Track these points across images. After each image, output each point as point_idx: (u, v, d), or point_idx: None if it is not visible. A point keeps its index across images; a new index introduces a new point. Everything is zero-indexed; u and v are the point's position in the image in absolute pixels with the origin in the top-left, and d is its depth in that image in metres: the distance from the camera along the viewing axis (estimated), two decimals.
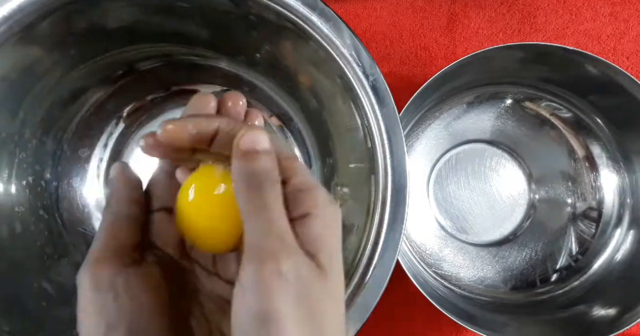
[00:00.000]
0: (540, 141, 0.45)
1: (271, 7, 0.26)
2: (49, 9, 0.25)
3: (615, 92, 0.38)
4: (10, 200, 0.31)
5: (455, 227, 0.44)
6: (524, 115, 0.45)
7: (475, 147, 0.45)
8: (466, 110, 0.44)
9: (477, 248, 0.44)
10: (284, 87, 0.35)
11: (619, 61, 0.45)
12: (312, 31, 0.26)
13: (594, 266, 0.42)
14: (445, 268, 0.43)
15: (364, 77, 0.26)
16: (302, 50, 0.29)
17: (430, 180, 0.44)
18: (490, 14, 0.45)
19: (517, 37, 0.45)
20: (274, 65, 0.32)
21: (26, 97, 0.30)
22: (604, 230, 0.43)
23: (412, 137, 0.43)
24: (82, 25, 0.28)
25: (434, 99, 0.41)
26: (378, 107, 0.26)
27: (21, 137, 0.31)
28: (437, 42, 0.45)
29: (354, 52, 0.26)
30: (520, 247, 0.44)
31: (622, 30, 0.45)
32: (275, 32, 0.28)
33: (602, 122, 0.42)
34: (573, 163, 0.44)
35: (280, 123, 0.38)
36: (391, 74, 0.45)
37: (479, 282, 0.43)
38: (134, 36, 0.31)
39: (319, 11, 0.26)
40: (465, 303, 0.40)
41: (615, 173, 0.43)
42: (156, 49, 0.34)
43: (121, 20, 0.29)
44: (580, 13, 0.45)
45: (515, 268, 0.44)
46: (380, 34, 0.45)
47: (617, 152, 0.43)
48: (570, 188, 0.45)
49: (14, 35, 0.25)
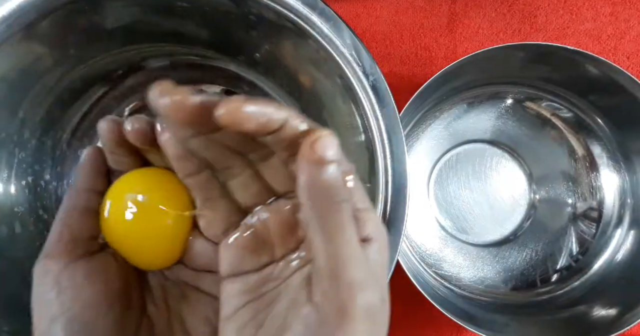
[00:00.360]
0: (541, 141, 0.45)
1: (271, 7, 0.26)
2: (49, 9, 0.25)
3: (615, 92, 0.38)
4: (9, 200, 0.31)
5: (455, 227, 0.44)
6: (524, 115, 0.45)
7: (476, 147, 0.45)
8: (466, 110, 0.44)
9: (477, 249, 0.44)
10: (284, 87, 0.35)
11: (619, 61, 0.45)
12: (312, 31, 0.26)
13: (594, 266, 0.42)
14: (445, 268, 0.43)
15: (364, 76, 0.26)
16: (302, 50, 0.28)
17: (431, 180, 0.44)
18: (491, 13, 0.45)
19: (518, 37, 0.45)
20: (274, 65, 0.32)
21: (26, 97, 0.30)
22: (604, 230, 0.43)
23: (412, 137, 0.43)
24: (82, 25, 0.28)
25: (434, 99, 0.41)
26: (378, 107, 0.26)
27: (21, 137, 0.31)
28: (437, 42, 0.45)
29: (354, 52, 0.26)
30: (521, 247, 0.44)
31: (623, 30, 0.45)
32: (275, 31, 0.28)
33: (603, 122, 0.42)
34: (573, 163, 0.44)
35: None
36: (391, 74, 0.45)
37: (479, 282, 0.43)
38: (134, 36, 0.31)
39: (319, 11, 0.26)
40: (466, 303, 0.40)
41: (616, 173, 0.43)
42: (156, 49, 0.34)
43: (121, 20, 0.29)
44: (580, 13, 0.45)
45: (515, 268, 0.44)
46: (380, 33, 0.45)
47: (618, 152, 0.43)
48: (571, 189, 0.45)
49: (14, 35, 0.25)
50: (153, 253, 0.20)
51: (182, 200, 0.20)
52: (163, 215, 0.19)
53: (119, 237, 0.19)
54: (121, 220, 0.19)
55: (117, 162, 0.20)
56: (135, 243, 0.19)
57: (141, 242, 0.19)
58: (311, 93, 0.32)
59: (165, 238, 0.19)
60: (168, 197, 0.19)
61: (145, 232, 0.19)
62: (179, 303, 0.20)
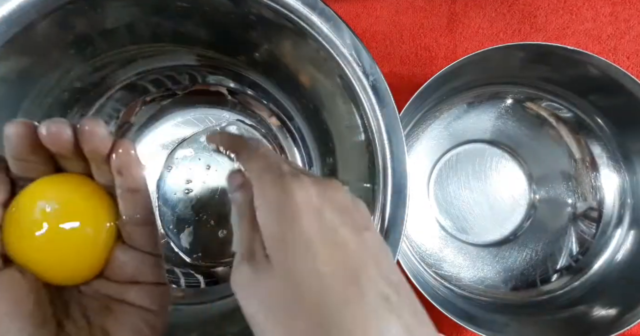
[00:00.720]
0: (541, 141, 0.45)
1: (271, 7, 0.26)
2: (49, 9, 0.25)
3: (615, 92, 0.38)
4: None
5: (455, 227, 0.44)
6: (524, 115, 0.45)
7: (476, 147, 0.45)
8: (466, 110, 0.44)
9: (477, 249, 0.44)
10: (284, 87, 0.35)
11: (619, 61, 0.45)
12: (312, 31, 0.26)
13: (594, 266, 0.42)
14: (445, 268, 0.43)
15: (364, 76, 0.26)
16: (302, 50, 0.28)
17: (431, 180, 0.44)
18: (491, 13, 0.45)
19: (518, 36, 0.45)
20: (274, 65, 0.32)
21: (26, 97, 0.30)
22: (604, 230, 0.43)
23: (412, 137, 0.43)
24: (81, 25, 0.28)
25: (434, 99, 0.41)
26: (378, 107, 0.26)
27: None
28: (437, 42, 0.45)
29: (354, 52, 0.26)
30: (521, 247, 0.44)
31: (623, 30, 0.45)
32: (275, 31, 0.28)
33: (603, 122, 0.42)
34: (573, 163, 0.44)
35: (280, 123, 0.38)
36: (391, 74, 0.45)
37: (479, 282, 0.43)
38: (134, 36, 0.31)
39: (319, 11, 0.26)
40: (466, 303, 0.40)
41: (616, 173, 0.43)
42: (156, 49, 0.34)
43: (121, 20, 0.29)
44: (580, 13, 0.45)
45: (515, 268, 0.44)
46: (380, 33, 0.45)
47: (618, 152, 0.43)
48: (571, 189, 0.44)
49: (14, 35, 0.25)
50: (69, 268, 0.18)
51: (102, 209, 0.18)
52: (82, 226, 0.17)
53: (30, 251, 0.17)
54: (31, 233, 0.17)
55: (24, 169, 0.18)
56: (48, 258, 0.17)
57: (55, 255, 0.17)
58: (311, 93, 0.32)
59: (85, 251, 0.17)
60: (87, 206, 0.18)
61: (62, 244, 0.17)
62: (101, 317, 0.19)
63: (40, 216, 0.16)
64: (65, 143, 0.17)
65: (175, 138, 0.37)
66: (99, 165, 0.19)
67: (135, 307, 0.19)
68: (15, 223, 0.17)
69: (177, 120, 0.37)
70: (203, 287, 0.36)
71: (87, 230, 0.17)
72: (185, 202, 0.36)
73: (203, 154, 0.37)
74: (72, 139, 0.17)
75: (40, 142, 0.17)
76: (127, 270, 0.19)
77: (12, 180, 0.18)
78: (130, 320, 0.19)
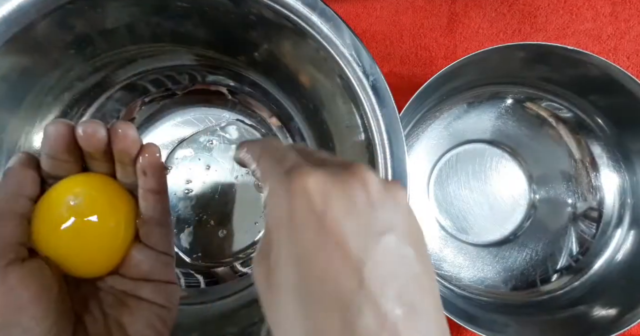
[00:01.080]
0: (541, 141, 0.45)
1: (271, 7, 0.26)
2: (49, 9, 0.25)
3: (615, 91, 0.38)
4: None
5: (455, 227, 0.44)
6: (524, 115, 0.45)
7: (476, 147, 0.45)
8: (466, 110, 0.44)
9: (477, 249, 0.44)
10: (284, 87, 0.35)
11: (619, 61, 0.45)
12: (312, 31, 0.26)
13: (594, 266, 0.42)
14: (445, 268, 0.43)
15: (364, 76, 0.26)
16: (302, 50, 0.28)
17: (431, 180, 0.44)
18: (491, 13, 0.45)
19: (518, 36, 0.45)
20: (274, 65, 0.32)
21: (26, 97, 0.30)
22: (604, 230, 0.43)
23: (412, 137, 0.43)
24: (81, 25, 0.28)
25: (434, 99, 0.41)
26: (378, 107, 0.26)
27: (19, 138, 0.31)
28: (437, 42, 0.45)
29: (354, 52, 0.26)
30: (521, 247, 0.44)
31: (623, 30, 0.45)
32: (275, 31, 0.28)
33: (603, 122, 0.42)
34: (573, 163, 0.44)
35: (280, 123, 0.38)
36: (391, 74, 0.45)
37: (479, 282, 0.43)
38: (133, 36, 0.31)
39: (319, 11, 0.26)
40: (466, 303, 0.40)
41: (616, 173, 0.43)
42: (156, 49, 0.34)
43: (121, 20, 0.29)
44: (580, 13, 0.45)
45: (515, 268, 0.44)
46: (380, 33, 0.45)
47: (618, 152, 0.43)
48: (571, 189, 0.44)
49: (14, 35, 0.25)
50: (90, 260, 0.19)
51: (124, 207, 0.19)
52: (105, 221, 0.18)
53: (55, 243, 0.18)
54: (58, 226, 0.18)
55: (56, 168, 0.19)
56: (72, 250, 0.18)
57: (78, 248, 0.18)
58: (311, 93, 0.32)
59: (106, 245, 0.19)
60: (111, 203, 0.19)
61: (85, 237, 0.18)
62: (117, 310, 0.20)
63: (67, 210, 0.18)
64: (99, 143, 0.18)
65: (175, 138, 0.37)
66: (125, 166, 0.20)
67: (149, 303, 0.20)
68: (43, 216, 0.18)
69: (176, 120, 0.37)
70: (203, 287, 0.36)
71: (109, 225, 0.19)
72: (185, 202, 0.36)
73: (203, 154, 0.37)
74: (105, 139, 0.18)
75: (75, 142, 0.18)
76: (142, 267, 0.21)
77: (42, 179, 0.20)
78: (144, 315, 0.20)
